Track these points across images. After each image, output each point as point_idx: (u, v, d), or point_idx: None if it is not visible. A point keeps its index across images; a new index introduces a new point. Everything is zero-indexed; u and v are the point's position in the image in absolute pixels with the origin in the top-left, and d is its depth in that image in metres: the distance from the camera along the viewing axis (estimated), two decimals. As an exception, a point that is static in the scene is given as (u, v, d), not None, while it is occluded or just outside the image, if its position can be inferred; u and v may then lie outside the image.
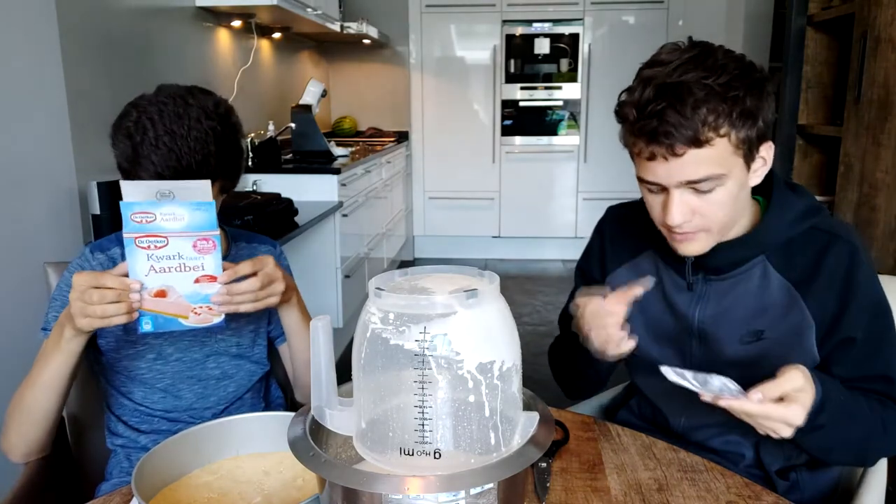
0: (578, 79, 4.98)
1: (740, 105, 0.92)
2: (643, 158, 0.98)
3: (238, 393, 1.27)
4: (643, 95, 0.95)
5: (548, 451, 0.89)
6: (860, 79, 2.34)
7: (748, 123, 0.94)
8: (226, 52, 3.19)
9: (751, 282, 1.07)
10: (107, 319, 0.97)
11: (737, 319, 1.08)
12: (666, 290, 1.15)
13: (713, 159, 0.94)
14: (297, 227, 2.50)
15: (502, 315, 0.64)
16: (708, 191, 0.96)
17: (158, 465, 0.88)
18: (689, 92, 0.92)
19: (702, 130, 0.92)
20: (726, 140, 0.93)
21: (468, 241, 5.28)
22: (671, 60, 0.95)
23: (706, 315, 1.10)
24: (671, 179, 0.96)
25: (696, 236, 1.02)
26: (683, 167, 0.94)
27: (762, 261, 1.06)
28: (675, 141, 0.92)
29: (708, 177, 0.95)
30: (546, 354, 1.38)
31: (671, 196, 0.98)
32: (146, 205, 0.97)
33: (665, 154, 0.94)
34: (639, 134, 0.96)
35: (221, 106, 1.13)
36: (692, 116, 0.91)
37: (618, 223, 1.25)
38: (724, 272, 1.08)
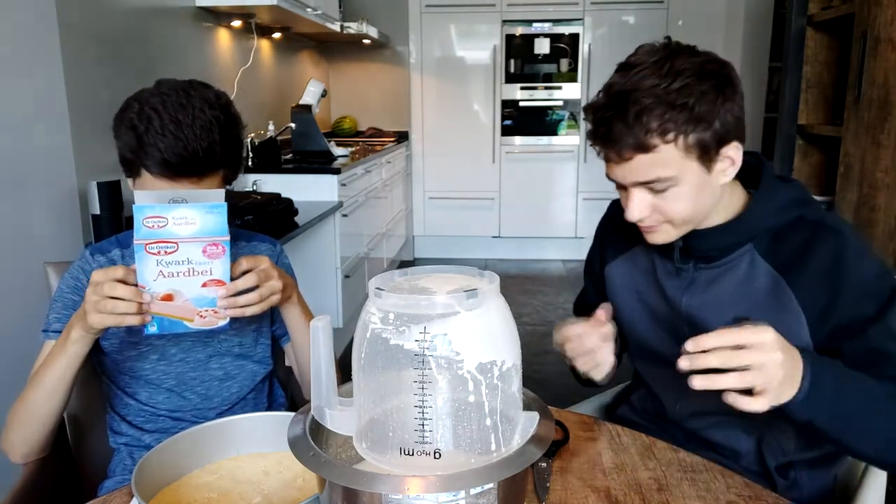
0: (578, 79, 4.98)
1: (688, 112, 0.96)
2: (602, 158, 1.05)
3: (241, 393, 1.27)
4: (597, 101, 1.02)
5: (548, 451, 0.89)
6: (860, 79, 2.34)
7: (699, 128, 0.97)
8: (226, 52, 3.19)
9: (739, 269, 1.10)
10: (119, 317, 0.97)
11: (723, 306, 1.10)
12: (658, 277, 1.19)
13: (661, 162, 0.99)
14: (297, 227, 2.50)
15: (502, 315, 0.64)
16: (662, 190, 1.01)
17: (158, 464, 0.88)
18: (634, 101, 0.97)
19: (645, 138, 0.97)
20: (673, 146, 0.97)
21: (468, 241, 5.28)
22: (637, 63, 1.00)
23: (693, 302, 1.13)
24: (625, 180, 1.03)
25: (660, 228, 1.07)
26: (633, 170, 1.00)
27: (750, 249, 1.09)
28: (622, 147, 0.98)
29: (657, 178, 1.00)
30: (546, 354, 1.38)
31: (629, 194, 1.05)
32: (159, 208, 0.97)
33: (614, 158, 1.01)
34: (593, 138, 1.04)
35: (222, 97, 1.14)
36: (634, 125, 0.96)
37: (616, 217, 1.28)
38: (713, 259, 1.11)
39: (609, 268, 1.28)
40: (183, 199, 0.99)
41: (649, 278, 1.20)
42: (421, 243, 5.33)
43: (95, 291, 0.96)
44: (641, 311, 1.22)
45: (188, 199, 0.99)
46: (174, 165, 1.06)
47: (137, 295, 0.97)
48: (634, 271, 1.24)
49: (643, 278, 1.22)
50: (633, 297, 1.24)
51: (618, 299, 1.26)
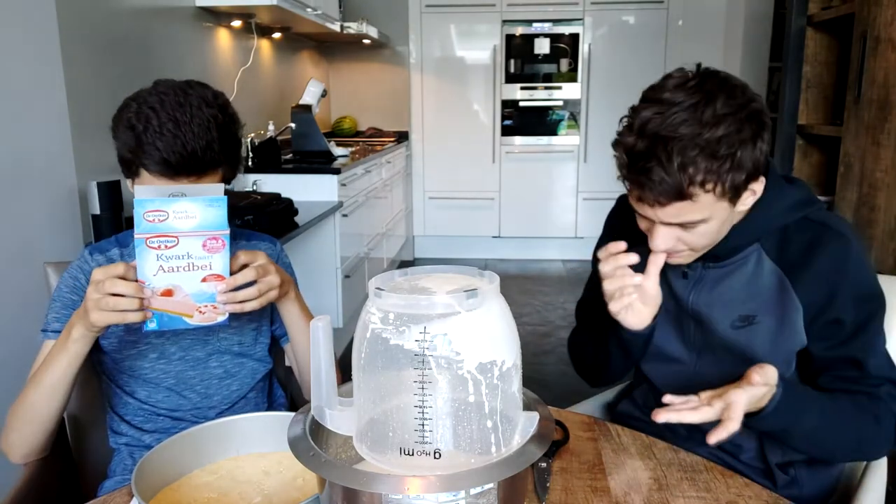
0: (578, 79, 4.98)
1: (730, 161, 0.95)
2: (633, 194, 1.03)
3: (242, 392, 1.27)
4: (636, 146, 0.97)
5: (547, 451, 0.90)
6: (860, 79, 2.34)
7: (738, 174, 0.97)
8: (226, 52, 3.19)
9: (746, 268, 1.12)
10: (121, 315, 0.97)
11: (729, 304, 1.12)
12: (667, 273, 1.19)
13: (697, 209, 0.98)
14: (297, 227, 2.50)
15: (502, 315, 0.64)
16: (692, 228, 1.02)
17: (158, 465, 0.88)
18: (679, 151, 0.94)
19: (686, 188, 0.95)
20: (712, 194, 0.97)
21: (468, 241, 5.28)
22: (673, 102, 0.96)
23: (700, 300, 1.14)
24: (657, 219, 1.02)
25: (681, 255, 1.08)
26: (668, 214, 1.00)
27: (757, 248, 1.11)
28: (660, 196, 0.97)
29: (692, 221, 1.00)
30: (546, 354, 1.39)
31: (657, 228, 1.04)
32: (159, 202, 0.97)
33: (651, 202, 0.99)
34: (628, 180, 1.01)
35: (220, 97, 1.14)
36: (678, 174, 0.94)
37: (624, 212, 1.29)
38: (722, 259, 1.12)
39: None
40: (182, 193, 0.99)
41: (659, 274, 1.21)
42: (421, 243, 5.33)
43: (97, 289, 0.96)
44: None
45: (188, 194, 0.99)
46: (173, 164, 1.06)
47: (139, 291, 0.97)
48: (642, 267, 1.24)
49: None
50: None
51: None
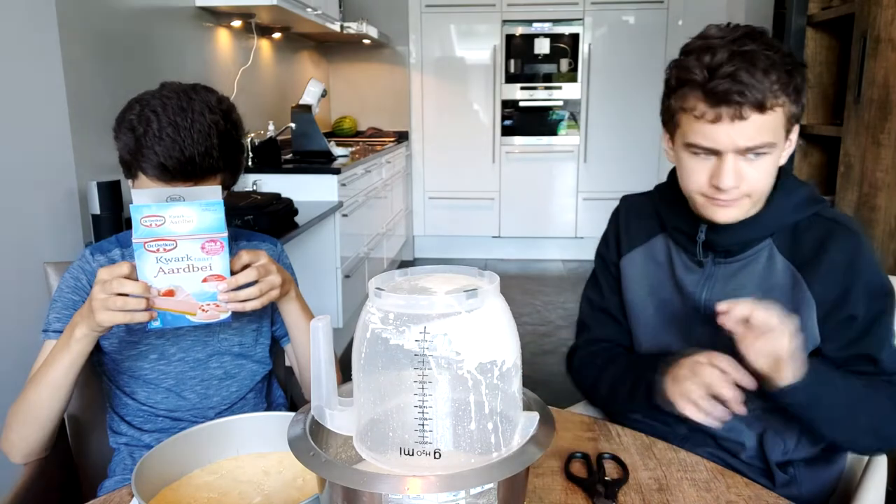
0: (578, 79, 4.97)
1: (795, 79, 1.00)
2: (704, 122, 1.01)
3: (241, 393, 1.27)
4: (714, 58, 0.99)
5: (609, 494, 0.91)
6: (860, 79, 2.34)
7: (798, 100, 1.01)
8: (226, 52, 3.19)
9: (757, 264, 1.12)
10: (128, 314, 0.97)
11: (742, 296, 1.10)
12: (676, 271, 1.19)
13: (770, 127, 1.00)
14: (297, 227, 2.50)
15: (502, 315, 0.64)
16: (758, 157, 1.02)
17: (158, 464, 0.88)
18: (760, 58, 0.98)
19: (768, 96, 0.98)
20: (782, 111, 1.00)
21: (468, 241, 5.28)
22: (724, 35, 1.01)
23: (713, 295, 1.13)
24: (730, 144, 1.01)
25: (739, 203, 1.06)
26: (745, 132, 0.99)
27: (769, 244, 1.11)
28: (746, 101, 0.97)
29: (764, 143, 1.01)
30: (546, 354, 1.39)
31: (725, 161, 1.02)
32: (156, 207, 0.97)
33: (732, 115, 0.99)
34: (707, 95, 1.00)
35: (224, 102, 1.14)
36: (763, 80, 0.97)
37: (632, 209, 1.30)
38: (734, 254, 1.12)
39: (625, 259, 1.27)
40: (180, 196, 0.99)
41: (665, 272, 1.21)
42: (421, 243, 5.33)
43: (103, 289, 0.96)
44: (653, 306, 1.22)
45: (185, 197, 0.99)
46: (170, 169, 1.06)
47: (146, 290, 0.98)
48: (650, 264, 1.24)
49: (658, 272, 1.23)
50: (644, 290, 1.24)
51: (629, 293, 1.26)
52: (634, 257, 1.26)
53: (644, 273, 1.24)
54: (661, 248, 1.23)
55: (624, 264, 1.27)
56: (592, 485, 0.93)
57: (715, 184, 1.04)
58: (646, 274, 1.24)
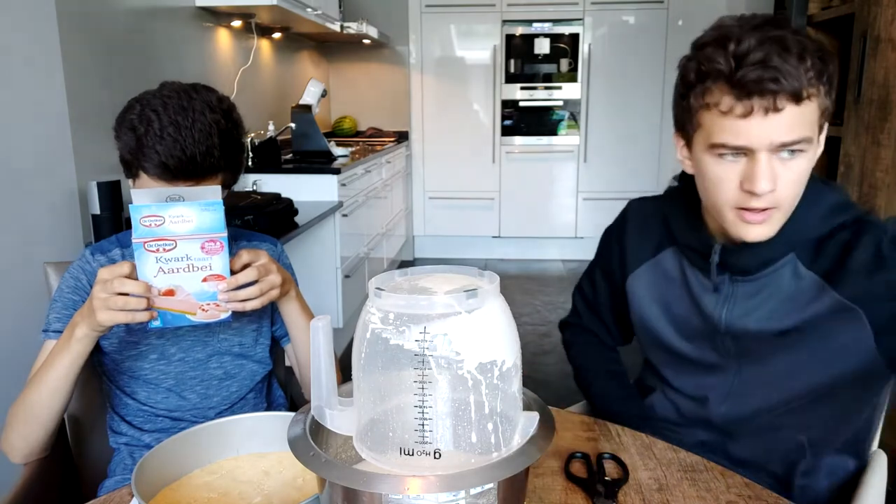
0: (578, 79, 4.98)
1: (828, 68, 0.90)
2: (733, 117, 0.90)
3: (241, 393, 1.27)
4: (741, 45, 0.88)
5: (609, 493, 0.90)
6: (860, 79, 2.34)
7: (830, 91, 0.91)
8: (226, 52, 3.19)
9: (781, 280, 1.02)
10: (130, 314, 0.97)
11: (767, 317, 1.03)
12: (692, 289, 1.10)
13: (806, 120, 0.90)
14: (297, 227, 2.50)
15: (502, 315, 0.64)
16: (792, 157, 0.92)
17: (158, 464, 0.88)
18: (792, 43, 0.87)
19: (804, 84, 0.87)
20: (817, 102, 0.90)
21: (468, 241, 5.28)
22: (743, 24, 0.91)
23: (734, 316, 1.05)
24: (764, 140, 0.90)
25: (770, 215, 0.95)
26: (780, 126, 0.89)
27: (792, 259, 1.01)
28: (781, 90, 0.87)
29: (801, 139, 0.90)
30: (546, 354, 1.39)
31: (758, 161, 0.91)
32: (155, 208, 0.97)
33: (766, 107, 0.88)
34: (735, 86, 0.89)
35: (224, 101, 1.14)
36: (799, 66, 0.87)
37: (638, 218, 1.20)
38: (751, 272, 1.03)
39: (632, 279, 1.18)
40: (179, 196, 0.99)
41: (680, 289, 1.12)
42: (421, 243, 5.33)
43: (104, 289, 0.96)
44: (673, 322, 1.14)
45: (184, 196, 0.99)
46: (171, 168, 1.06)
47: (146, 290, 0.98)
48: (661, 280, 1.15)
49: (672, 288, 1.14)
50: (660, 307, 1.16)
51: (641, 311, 1.18)
52: (641, 275, 1.17)
53: (655, 290, 1.16)
54: (673, 262, 1.14)
55: (631, 283, 1.19)
56: (592, 485, 0.93)
57: (748, 188, 0.93)
58: (657, 291, 1.16)
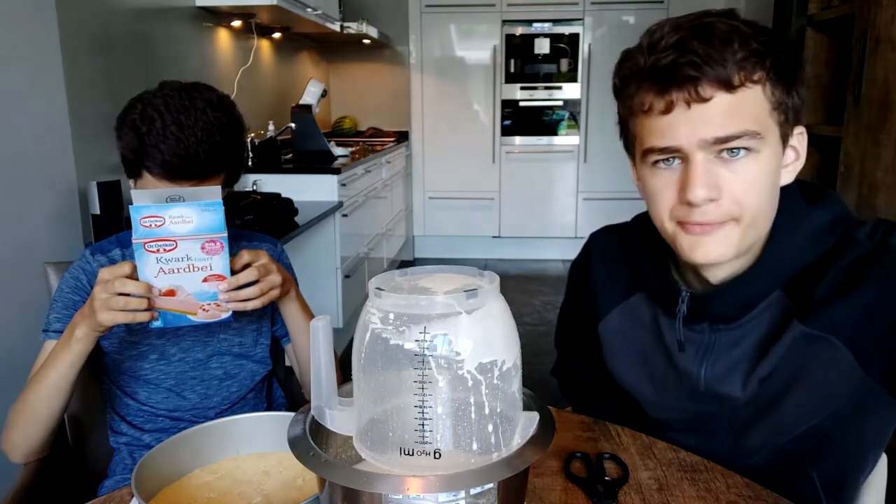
0: (578, 79, 4.98)
1: (776, 55, 0.75)
2: (656, 115, 0.78)
3: (241, 393, 1.27)
4: (653, 36, 0.78)
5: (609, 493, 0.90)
6: (860, 79, 2.34)
7: (784, 80, 0.77)
8: (226, 52, 3.19)
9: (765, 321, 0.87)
10: (130, 314, 0.97)
11: (750, 371, 0.88)
12: (665, 339, 0.95)
13: (747, 112, 0.75)
14: (297, 227, 2.50)
15: (502, 315, 0.64)
16: (736, 155, 0.77)
17: (158, 465, 0.88)
18: (717, 27, 0.75)
19: (733, 69, 0.74)
20: (761, 89, 0.76)
21: (468, 241, 5.28)
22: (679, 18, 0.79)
23: (714, 374, 0.90)
24: (693, 136, 0.76)
25: (721, 230, 0.79)
26: (709, 118, 0.75)
27: (779, 297, 0.85)
28: (702, 75, 0.74)
29: (740, 133, 0.75)
30: (546, 354, 1.36)
31: (692, 163, 0.77)
32: (155, 208, 0.97)
33: (687, 98, 0.75)
34: (652, 79, 0.77)
35: (225, 100, 1.14)
36: (723, 48, 0.74)
37: (605, 257, 1.04)
38: (735, 319, 0.88)
39: (603, 326, 1.03)
40: (179, 196, 0.99)
41: (653, 338, 0.97)
42: (421, 243, 5.33)
43: (105, 289, 0.96)
44: (650, 378, 1.00)
45: (184, 197, 0.99)
46: (175, 167, 1.06)
47: (147, 290, 0.98)
48: (635, 328, 1.00)
49: (646, 336, 0.98)
50: (636, 360, 1.00)
51: (616, 366, 1.04)
52: (613, 321, 1.02)
53: (628, 339, 1.00)
54: (645, 308, 0.98)
55: (602, 331, 1.03)
56: (592, 485, 0.93)
57: (684, 198, 0.78)
58: (631, 340, 1.00)
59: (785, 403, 0.89)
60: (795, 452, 0.95)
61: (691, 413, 0.98)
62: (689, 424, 1.00)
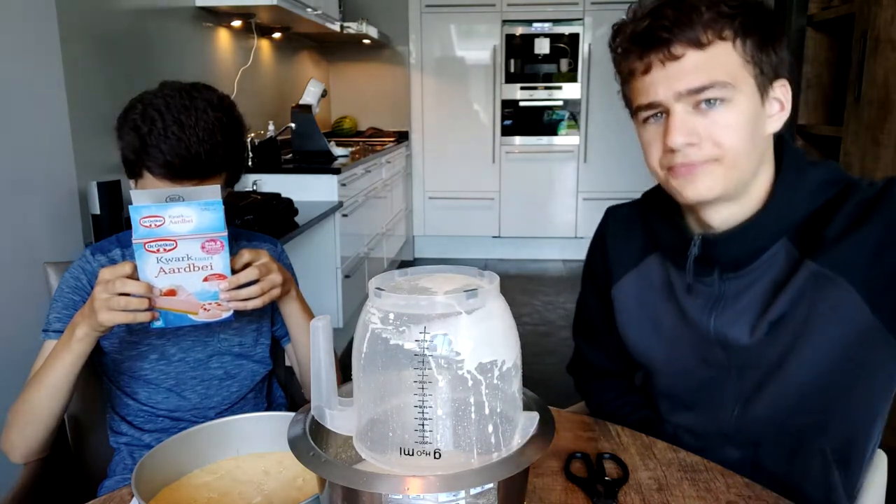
0: (578, 79, 4.98)
1: (745, 14, 0.85)
2: (639, 76, 0.90)
3: (241, 393, 1.27)
4: (635, 9, 0.90)
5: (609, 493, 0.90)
6: (860, 79, 2.34)
7: (756, 38, 0.86)
8: (226, 52, 3.19)
9: (774, 270, 0.93)
10: (131, 314, 0.97)
11: (759, 316, 0.94)
12: (677, 295, 1.02)
13: (716, 64, 0.85)
14: (297, 227, 2.50)
15: (502, 315, 0.64)
16: (713, 105, 0.87)
17: (158, 465, 0.88)
18: None
19: (701, 29, 0.85)
20: (730, 45, 0.86)
21: (468, 241, 5.28)
22: None
23: (723, 322, 0.96)
24: (669, 90, 0.87)
25: (704, 169, 0.88)
26: (683, 72, 0.86)
27: (785, 245, 0.92)
28: (673, 38, 0.85)
29: (711, 83, 0.85)
30: (546, 354, 1.36)
31: (672, 114, 0.88)
32: (155, 208, 0.97)
33: (662, 58, 0.86)
34: (634, 43, 0.89)
35: (225, 100, 1.14)
36: (689, 13, 0.85)
37: (619, 225, 1.13)
38: (742, 265, 0.94)
39: (616, 288, 1.10)
40: (179, 196, 0.99)
41: (663, 297, 1.04)
42: (421, 243, 5.33)
43: (105, 289, 0.96)
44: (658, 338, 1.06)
45: (184, 197, 0.99)
46: (176, 167, 1.06)
47: (148, 290, 0.98)
48: (647, 291, 1.07)
49: (656, 298, 1.05)
50: (649, 324, 1.07)
51: (628, 328, 1.09)
52: (626, 285, 1.09)
53: (641, 302, 1.07)
54: (657, 268, 1.05)
55: (616, 294, 1.10)
56: (592, 485, 0.93)
57: (667, 146, 0.89)
58: (643, 303, 1.07)
59: (794, 354, 0.93)
60: (804, 424, 0.98)
61: (700, 378, 1.02)
62: (697, 394, 1.04)
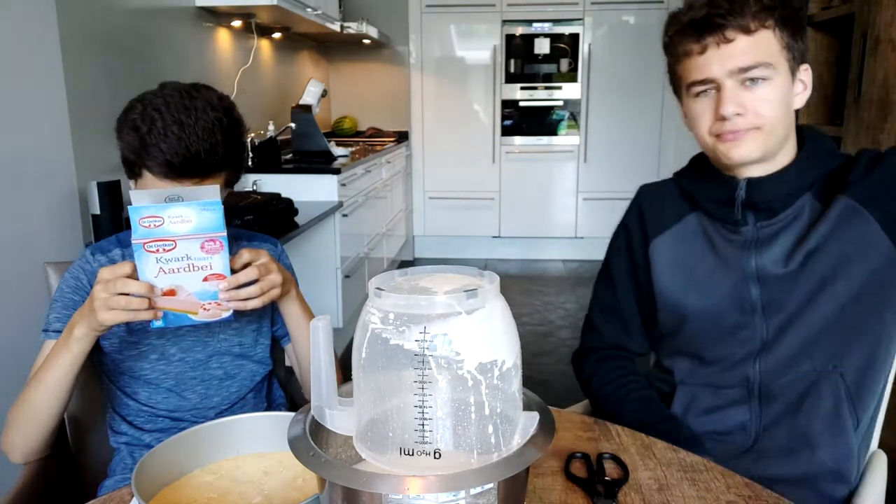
0: (578, 79, 4.98)
1: (783, 7, 1.04)
2: (694, 56, 1.07)
3: (241, 393, 1.27)
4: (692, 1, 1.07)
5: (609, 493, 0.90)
6: (860, 79, 2.34)
7: (793, 33, 1.05)
8: (226, 52, 3.19)
9: (801, 219, 1.11)
10: (132, 314, 0.97)
11: (791, 255, 1.10)
12: (716, 245, 1.16)
13: (761, 48, 1.03)
14: (297, 227, 2.50)
15: (502, 315, 0.64)
16: (756, 83, 1.04)
17: (158, 464, 0.88)
18: None
19: (750, 18, 1.02)
20: (772, 33, 1.04)
21: (468, 241, 5.28)
22: None
23: (762, 258, 1.12)
24: (723, 67, 1.04)
25: (748, 135, 1.06)
26: (734, 53, 1.03)
27: (808, 198, 1.11)
28: (727, 24, 1.02)
29: (758, 63, 1.03)
30: (546, 354, 1.37)
31: (724, 89, 1.05)
32: (154, 208, 0.97)
33: (717, 41, 1.04)
34: (690, 29, 1.06)
35: (225, 100, 1.14)
36: (742, 4, 1.02)
37: (655, 195, 1.27)
38: (775, 213, 1.11)
39: (654, 244, 1.22)
40: (178, 196, 0.99)
41: (703, 249, 1.17)
42: (421, 243, 5.33)
43: (106, 289, 0.96)
44: (695, 289, 1.17)
45: (183, 197, 0.99)
46: (176, 167, 1.06)
47: (149, 290, 0.98)
48: (683, 246, 1.20)
49: (694, 251, 1.18)
50: (683, 274, 1.19)
51: (663, 279, 1.21)
52: (664, 241, 1.21)
53: (677, 256, 1.20)
54: (695, 226, 1.19)
55: (653, 250, 1.22)
56: (592, 485, 0.93)
57: (718, 115, 1.06)
58: (680, 256, 1.20)
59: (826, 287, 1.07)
60: (820, 362, 1.09)
61: (728, 324, 1.14)
62: (721, 344, 1.15)
